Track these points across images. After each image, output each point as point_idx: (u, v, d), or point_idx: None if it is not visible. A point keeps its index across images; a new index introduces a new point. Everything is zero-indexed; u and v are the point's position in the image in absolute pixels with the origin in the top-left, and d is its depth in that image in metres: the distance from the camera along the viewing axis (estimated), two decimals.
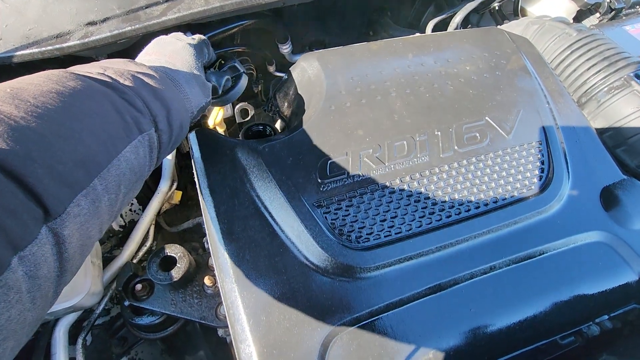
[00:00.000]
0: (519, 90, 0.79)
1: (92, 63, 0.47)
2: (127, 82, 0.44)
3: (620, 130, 0.81)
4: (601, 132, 0.85)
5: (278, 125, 0.88)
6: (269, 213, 0.62)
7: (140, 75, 0.47)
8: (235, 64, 0.74)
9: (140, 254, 0.94)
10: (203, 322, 0.79)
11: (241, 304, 0.58)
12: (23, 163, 0.29)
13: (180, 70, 0.57)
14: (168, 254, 0.79)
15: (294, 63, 0.81)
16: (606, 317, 0.71)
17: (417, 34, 0.97)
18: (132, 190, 0.45)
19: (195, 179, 0.66)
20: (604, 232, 0.71)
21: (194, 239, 1.10)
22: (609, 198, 0.74)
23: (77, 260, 0.35)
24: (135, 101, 0.43)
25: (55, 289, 0.33)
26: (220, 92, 0.70)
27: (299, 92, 0.76)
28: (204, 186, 0.65)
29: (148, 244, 0.96)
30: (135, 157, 0.42)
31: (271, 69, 1.32)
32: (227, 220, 0.62)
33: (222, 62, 0.82)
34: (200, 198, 0.65)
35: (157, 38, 0.63)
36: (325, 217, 0.63)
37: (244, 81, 0.74)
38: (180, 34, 0.65)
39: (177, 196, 1.08)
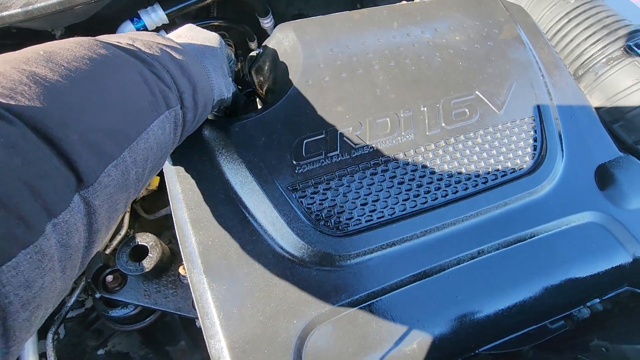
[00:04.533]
0: (512, 62, 0.73)
1: (120, 34, 0.45)
2: (155, 54, 0.43)
3: (619, 104, 0.77)
4: (598, 106, 0.80)
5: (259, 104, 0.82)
6: (240, 198, 0.57)
7: (168, 49, 0.45)
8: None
9: (115, 243, 0.89)
10: (178, 313, 0.75)
11: (210, 297, 0.54)
12: (58, 127, 0.28)
13: (209, 57, 0.55)
14: (139, 243, 0.74)
15: None
16: (597, 300, 0.69)
17: (404, 2, 0.90)
18: (157, 166, 0.44)
19: None
20: (598, 212, 0.67)
21: (174, 227, 1.05)
22: (604, 176, 0.70)
23: (104, 233, 0.35)
24: (163, 75, 0.42)
25: (82, 260, 0.32)
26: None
27: (274, 66, 0.70)
28: (169, 170, 0.59)
29: (122, 232, 0.91)
30: (162, 132, 0.41)
31: (252, 45, 1.24)
32: (195, 206, 0.57)
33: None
34: (166, 182, 0.60)
35: (189, 25, 0.62)
36: (301, 202, 0.58)
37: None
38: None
39: (155, 182, 1.03)
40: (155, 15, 0.88)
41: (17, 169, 0.25)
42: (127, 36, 0.44)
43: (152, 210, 1.05)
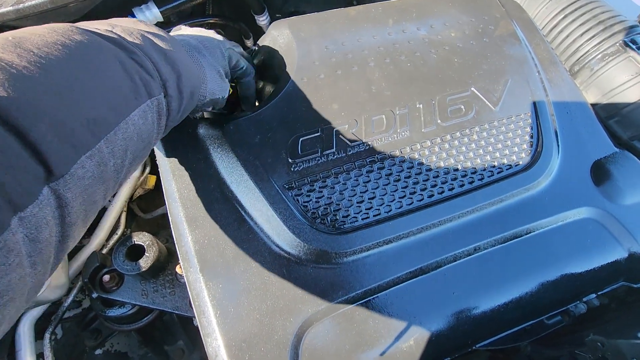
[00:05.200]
0: (508, 58, 0.73)
1: (99, 20, 0.43)
2: (136, 41, 0.40)
3: (614, 99, 0.77)
4: (594, 102, 0.80)
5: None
6: (235, 197, 0.57)
7: (150, 36, 0.43)
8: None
9: (111, 243, 0.89)
10: (176, 312, 0.75)
11: (207, 295, 0.54)
12: (25, 116, 0.27)
13: (207, 55, 0.54)
14: (135, 242, 0.74)
15: None
16: (594, 295, 0.69)
17: None
18: (139, 158, 0.42)
19: (157, 162, 0.61)
20: (594, 208, 0.67)
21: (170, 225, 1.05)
22: (600, 172, 0.71)
23: (80, 226, 0.33)
24: (144, 62, 0.40)
25: (57, 254, 0.31)
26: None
27: (270, 63, 0.70)
28: (165, 169, 0.59)
29: (119, 232, 0.91)
30: (144, 122, 0.39)
31: (248, 43, 1.23)
32: (190, 205, 0.57)
33: None
34: (161, 181, 0.60)
35: (199, 28, 0.61)
36: (297, 200, 0.58)
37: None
38: (217, 34, 0.63)
39: (151, 181, 1.02)
40: (150, 13, 0.87)
41: None
42: (106, 22, 0.42)
43: (149, 209, 1.05)
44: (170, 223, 0.58)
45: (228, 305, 0.53)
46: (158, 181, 1.05)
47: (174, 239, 0.58)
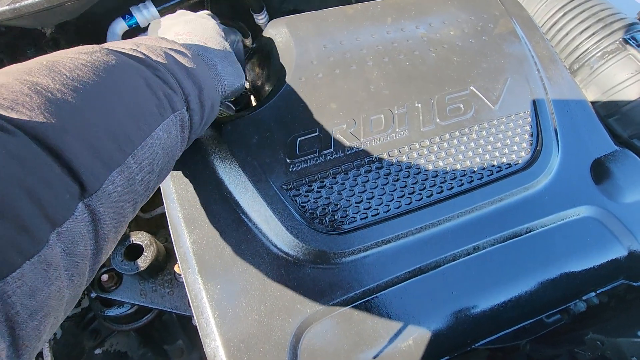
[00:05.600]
0: (507, 56, 0.73)
1: (125, 40, 0.45)
2: (159, 59, 0.43)
3: (614, 97, 0.76)
4: (594, 101, 0.80)
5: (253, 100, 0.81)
6: (233, 198, 0.57)
7: (172, 53, 0.45)
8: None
9: None
10: (175, 311, 0.75)
11: (205, 296, 0.54)
12: (60, 136, 0.28)
13: (213, 49, 0.55)
14: (134, 242, 0.74)
15: None
16: (593, 294, 0.69)
17: None
18: (165, 171, 0.43)
19: None
20: (594, 206, 0.67)
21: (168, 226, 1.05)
22: (600, 170, 0.70)
23: (112, 239, 0.34)
24: (167, 78, 0.42)
25: (92, 267, 0.32)
26: None
27: (267, 63, 0.69)
28: None
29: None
30: (168, 136, 0.41)
31: (247, 42, 1.23)
32: (188, 206, 0.57)
33: None
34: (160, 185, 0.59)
35: (182, 14, 0.61)
36: (295, 200, 0.57)
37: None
38: (206, 13, 0.63)
39: None
40: (147, 12, 0.87)
41: (18, 179, 0.25)
42: (131, 42, 0.44)
43: (148, 208, 1.04)
44: (169, 224, 0.58)
45: (226, 306, 0.53)
46: None
47: (172, 240, 0.58)
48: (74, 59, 0.34)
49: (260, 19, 1.17)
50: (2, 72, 0.31)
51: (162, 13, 0.90)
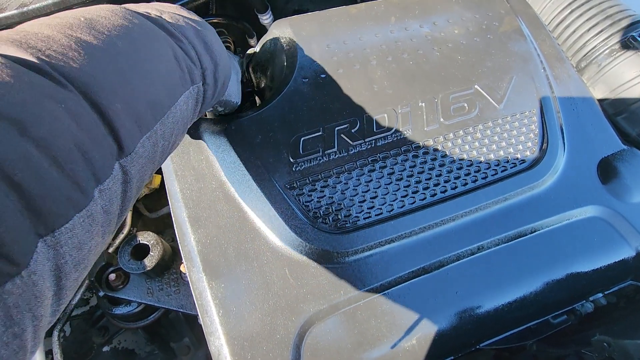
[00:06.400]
0: (513, 55, 0.72)
1: (146, 4, 0.44)
2: (182, 30, 0.42)
3: (622, 96, 0.75)
4: (601, 99, 0.79)
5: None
6: (237, 197, 0.58)
7: (193, 24, 0.45)
8: None
9: (117, 242, 0.90)
10: (181, 310, 0.76)
11: (210, 295, 0.54)
12: (106, 95, 0.29)
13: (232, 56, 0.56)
14: (140, 242, 0.75)
15: None
16: (600, 294, 0.68)
17: None
18: (178, 142, 0.44)
19: None
20: (601, 206, 0.66)
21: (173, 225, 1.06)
22: (607, 170, 0.69)
23: (132, 202, 0.35)
24: (190, 51, 0.42)
25: (114, 228, 0.33)
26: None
27: (272, 63, 0.70)
28: (167, 170, 0.60)
29: (125, 231, 0.92)
30: (186, 107, 0.41)
31: (252, 42, 1.23)
32: (193, 205, 0.58)
33: None
34: (165, 181, 0.60)
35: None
36: (299, 200, 0.58)
37: None
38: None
39: (157, 180, 1.03)
40: None
41: (73, 135, 0.26)
42: (153, 7, 0.43)
43: (155, 208, 1.06)
44: (174, 223, 0.59)
45: (230, 304, 0.54)
46: (163, 181, 1.06)
47: (177, 239, 0.58)
48: (108, 19, 0.34)
49: (265, 19, 1.17)
50: (44, 24, 0.30)
51: None
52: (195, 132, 0.60)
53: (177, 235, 0.58)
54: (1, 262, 0.21)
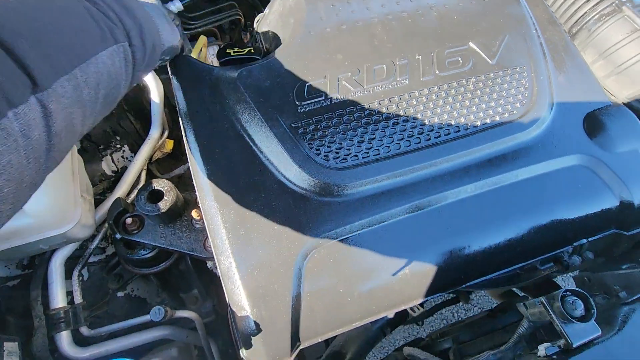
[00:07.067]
0: (506, 16, 0.77)
1: None
2: None
3: (610, 58, 0.80)
4: (592, 62, 0.83)
5: None
6: (248, 134, 0.63)
7: None
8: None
9: (132, 196, 0.96)
10: (192, 253, 0.81)
11: (220, 219, 0.60)
12: (10, 35, 0.33)
13: (150, 7, 0.59)
14: (155, 187, 0.81)
15: None
16: (585, 241, 0.72)
17: None
18: (111, 96, 0.48)
19: (176, 105, 0.67)
20: (586, 155, 0.70)
21: (187, 189, 1.12)
22: (593, 124, 0.74)
23: (64, 142, 0.39)
24: (107, 12, 0.46)
25: (46, 161, 0.37)
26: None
27: (280, 21, 0.75)
28: (184, 111, 0.65)
29: (139, 187, 0.98)
30: (112, 63, 0.45)
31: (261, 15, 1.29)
32: (207, 142, 0.63)
33: None
34: (180, 123, 0.66)
35: None
36: (303, 137, 0.63)
37: None
38: None
39: (169, 145, 1.09)
40: (174, 6, 0.93)
41: None
42: None
43: (166, 171, 1.12)
44: (189, 159, 0.65)
45: (239, 228, 0.59)
46: (177, 149, 1.12)
47: (191, 172, 0.64)
48: None
49: None
50: None
51: None
52: (210, 77, 0.66)
53: (191, 169, 0.64)
54: None
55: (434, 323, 1.80)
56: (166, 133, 1.07)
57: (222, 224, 0.59)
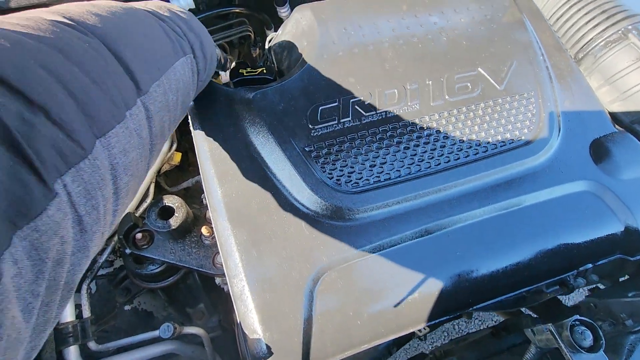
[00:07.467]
0: (514, 42, 0.79)
1: (133, 2, 0.55)
2: (166, 14, 0.52)
3: (616, 84, 0.81)
4: (597, 88, 0.85)
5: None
6: (261, 157, 0.64)
7: (175, 10, 0.55)
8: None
9: (141, 209, 0.97)
10: (201, 269, 0.82)
11: (234, 241, 0.60)
12: (117, 45, 0.37)
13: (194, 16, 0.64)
14: (166, 204, 0.82)
15: None
16: (590, 265, 0.73)
17: None
18: (184, 103, 0.52)
19: (190, 126, 0.68)
20: (592, 181, 0.71)
21: (194, 202, 1.13)
22: (599, 150, 0.75)
23: (159, 144, 0.43)
24: (175, 27, 0.51)
25: (149, 161, 0.41)
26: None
27: (293, 43, 0.77)
28: (198, 130, 0.66)
29: (148, 200, 0.99)
30: (183, 73, 0.49)
31: (270, 33, 1.31)
32: (221, 163, 0.64)
33: None
34: (195, 144, 0.67)
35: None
36: (316, 161, 0.64)
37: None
38: None
39: (177, 157, 1.10)
40: (184, 0, 0.95)
41: (101, 64, 0.33)
42: (139, 3, 0.53)
43: (174, 184, 1.13)
44: (202, 179, 0.66)
45: (252, 249, 0.60)
46: (184, 162, 1.13)
47: (205, 192, 0.65)
48: (110, 4, 0.42)
49: (283, 12, 1.25)
50: (68, 5, 0.38)
51: (196, 1, 0.99)
52: (224, 99, 0.67)
53: (204, 189, 0.65)
54: (75, 145, 0.28)
55: (435, 335, 1.80)
56: (174, 145, 1.08)
57: (236, 246, 0.60)
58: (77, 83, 0.30)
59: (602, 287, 0.89)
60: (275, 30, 1.29)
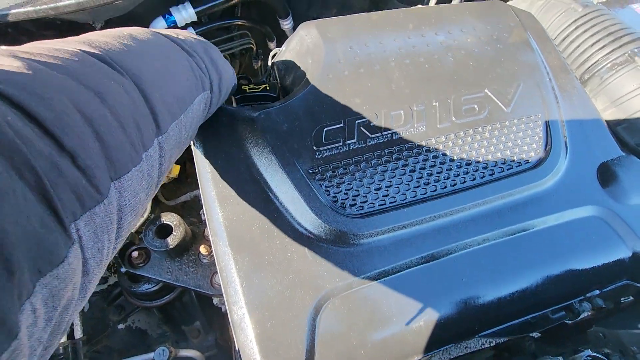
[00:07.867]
0: (520, 64, 0.78)
1: (164, 28, 0.55)
2: (194, 48, 0.52)
3: (622, 107, 0.80)
4: (603, 109, 0.84)
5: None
6: (263, 179, 0.62)
7: (202, 44, 0.56)
8: None
9: (138, 225, 0.94)
10: (198, 289, 0.80)
11: (234, 267, 0.58)
12: (148, 86, 0.37)
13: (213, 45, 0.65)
14: (164, 222, 0.80)
15: None
16: (597, 292, 0.72)
17: (419, 5, 0.95)
18: (192, 138, 0.53)
19: (192, 145, 0.66)
20: (599, 206, 0.70)
21: (192, 214, 1.10)
22: (606, 174, 0.74)
23: (162, 177, 0.42)
24: (200, 64, 0.51)
25: (153, 194, 0.40)
26: None
27: (297, 60, 0.75)
28: (200, 152, 0.65)
29: (145, 215, 0.97)
30: (198, 108, 0.50)
31: (272, 45, 1.30)
32: (222, 185, 0.62)
33: None
34: (195, 163, 0.65)
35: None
36: (320, 184, 0.62)
37: None
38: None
39: (175, 170, 1.08)
40: (186, 13, 0.94)
41: (129, 108, 0.34)
42: (171, 30, 0.54)
43: (172, 197, 1.11)
44: (202, 201, 0.64)
45: (253, 276, 0.58)
46: (182, 174, 1.11)
47: (205, 215, 0.63)
48: (144, 35, 0.43)
49: (286, 24, 1.24)
50: (99, 34, 0.39)
51: (199, 14, 0.98)
52: (227, 119, 0.65)
53: (204, 212, 0.63)
54: (93, 190, 0.28)
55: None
56: None
57: (236, 272, 0.58)
58: (106, 127, 0.30)
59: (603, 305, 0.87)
60: (277, 43, 1.29)
